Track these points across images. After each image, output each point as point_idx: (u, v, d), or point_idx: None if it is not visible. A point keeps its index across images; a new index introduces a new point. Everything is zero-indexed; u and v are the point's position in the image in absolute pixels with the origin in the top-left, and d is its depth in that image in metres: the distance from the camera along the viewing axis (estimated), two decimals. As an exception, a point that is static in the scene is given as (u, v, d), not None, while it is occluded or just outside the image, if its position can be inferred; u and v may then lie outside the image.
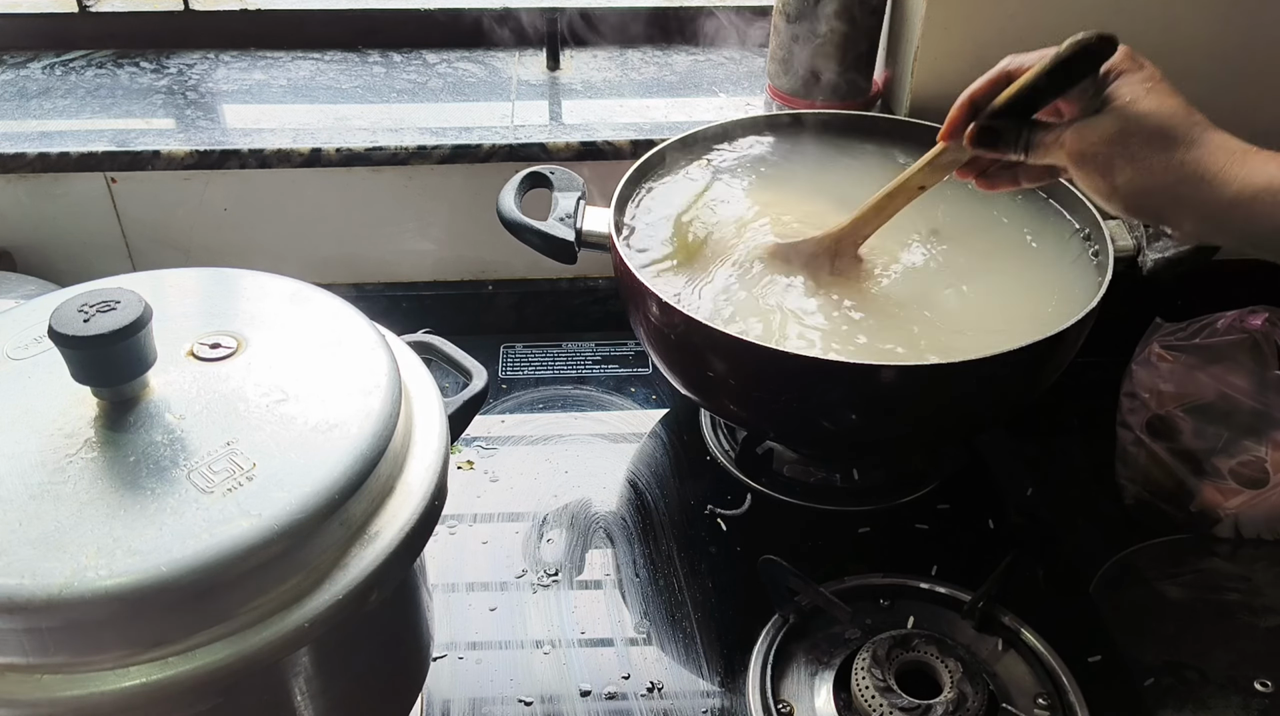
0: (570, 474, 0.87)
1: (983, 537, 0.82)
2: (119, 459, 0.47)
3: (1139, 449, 0.84)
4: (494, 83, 1.05)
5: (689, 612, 0.75)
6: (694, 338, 0.71)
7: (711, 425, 0.91)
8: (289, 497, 0.46)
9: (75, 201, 0.97)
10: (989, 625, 0.73)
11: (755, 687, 0.69)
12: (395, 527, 0.50)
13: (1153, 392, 0.84)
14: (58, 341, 0.47)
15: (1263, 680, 0.71)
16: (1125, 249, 0.78)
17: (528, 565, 0.79)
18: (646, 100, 1.02)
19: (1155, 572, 0.81)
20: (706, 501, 0.84)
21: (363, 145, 0.94)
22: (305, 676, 0.51)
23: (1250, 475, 0.79)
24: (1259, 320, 0.84)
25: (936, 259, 0.80)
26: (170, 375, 0.52)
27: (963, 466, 0.88)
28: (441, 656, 0.72)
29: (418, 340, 0.66)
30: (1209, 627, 0.76)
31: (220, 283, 0.60)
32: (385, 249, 1.02)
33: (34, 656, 0.43)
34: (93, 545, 0.43)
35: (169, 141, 0.93)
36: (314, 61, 1.07)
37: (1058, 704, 0.68)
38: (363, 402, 0.52)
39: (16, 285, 0.90)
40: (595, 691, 0.70)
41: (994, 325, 0.74)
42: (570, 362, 1.00)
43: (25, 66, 1.05)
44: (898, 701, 0.65)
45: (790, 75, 0.98)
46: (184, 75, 1.04)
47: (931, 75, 0.92)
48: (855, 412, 0.71)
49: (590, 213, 0.81)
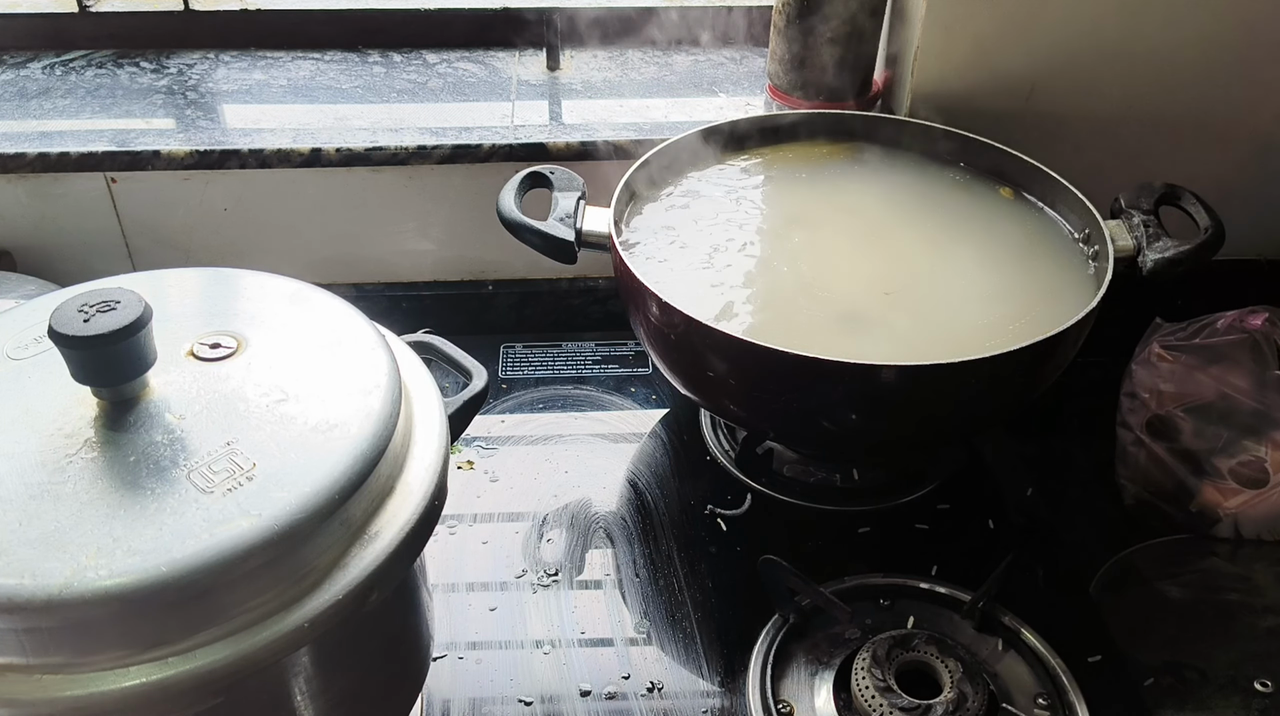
0: (570, 474, 0.87)
1: (983, 537, 0.82)
2: (119, 459, 0.47)
3: (1139, 449, 0.84)
4: (494, 83, 1.05)
5: (689, 612, 0.75)
6: (694, 338, 0.71)
7: (711, 425, 0.91)
8: (289, 497, 0.46)
9: (75, 201, 0.96)
10: (989, 625, 0.73)
11: (755, 687, 0.69)
12: (395, 527, 0.50)
13: (1153, 392, 0.84)
14: (58, 341, 0.47)
15: (1263, 680, 0.71)
16: (1125, 249, 0.78)
17: (528, 565, 0.79)
18: (646, 100, 1.02)
19: (1155, 572, 0.81)
20: (706, 501, 0.84)
21: (363, 145, 0.94)
22: (305, 676, 0.51)
23: (1250, 475, 0.79)
24: (1259, 320, 0.84)
25: (937, 259, 0.80)
26: (170, 375, 0.52)
27: (963, 466, 0.88)
28: (441, 656, 0.72)
29: (418, 340, 0.66)
30: (1209, 627, 0.76)
31: (220, 283, 0.60)
32: (385, 249, 1.02)
33: (34, 656, 0.43)
34: (93, 545, 0.43)
35: (169, 141, 0.93)
36: (314, 61, 1.07)
37: (1058, 704, 0.68)
38: (363, 402, 0.51)
39: (16, 285, 0.90)
40: (595, 691, 0.70)
41: (994, 325, 0.74)
42: (570, 362, 1.00)
43: (25, 66, 1.05)
44: (898, 701, 0.65)
45: (790, 75, 0.98)
46: (184, 75, 1.04)
47: (931, 75, 0.92)
48: (855, 412, 0.71)
49: (590, 212, 0.81)
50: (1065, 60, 0.91)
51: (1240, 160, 0.97)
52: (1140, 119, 0.94)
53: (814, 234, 0.83)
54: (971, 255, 0.81)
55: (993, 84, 0.92)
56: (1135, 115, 0.94)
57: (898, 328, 0.74)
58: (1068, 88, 0.92)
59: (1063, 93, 0.93)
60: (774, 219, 0.84)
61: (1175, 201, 0.82)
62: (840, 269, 0.80)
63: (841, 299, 0.76)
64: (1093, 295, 0.72)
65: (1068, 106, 0.93)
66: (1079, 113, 0.94)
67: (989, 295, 0.77)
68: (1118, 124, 0.94)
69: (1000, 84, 0.92)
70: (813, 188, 0.87)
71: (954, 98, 0.92)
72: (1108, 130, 0.95)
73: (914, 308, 0.76)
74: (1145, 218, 0.80)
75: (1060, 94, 0.93)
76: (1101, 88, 0.92)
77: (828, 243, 0.82)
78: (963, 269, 0.79)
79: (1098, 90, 0.93)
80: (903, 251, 0.81)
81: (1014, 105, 0.93)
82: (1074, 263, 0.80)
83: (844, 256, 0.81)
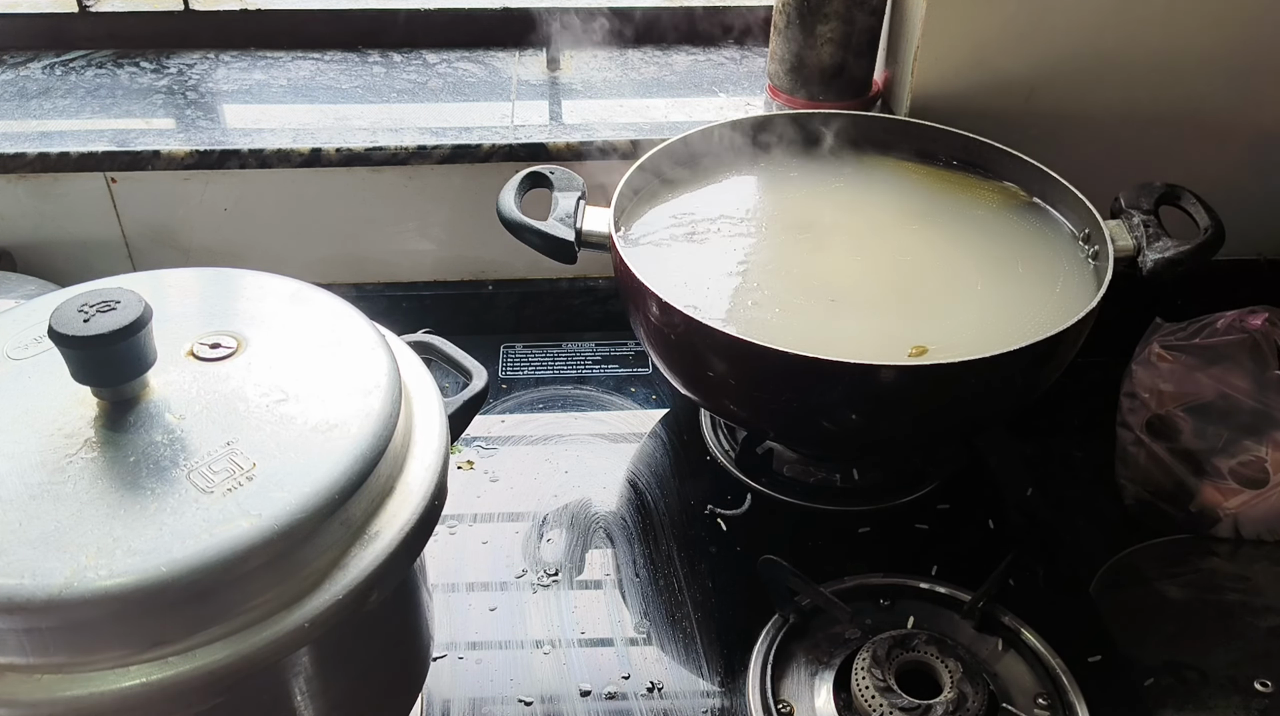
0: (570, 474, 0.87)
1: (983, 537, 0.82)
2: (119, 459, 0.47)
3: (1139, 449, 0.84)
4: (494, 83, 1.05)
5: (689, 612, 0.75)
6: (694, 338, 0.71)
7: (711, 425, 0.91)
8: (289, 497, 0.46)
9: (75, 201, 0.96)
10: (989, 625, 0.73)
11: (755, 687, 0.69)
12: (395, 527, 0.50)
13: (1153, 392, 0.84)
14: (58, 341, 0.47)
15: (1263, 680, 0.71)
16: (1125, 249, 0.78)
17: (528, 565, 0.79)
18: (646, 100, 1.02)
19: (1155, 572, 0.81)
20: (706, 501, 0.84)
21: (363, 145, 0.94)
22: (305, 676, 0.51)
23: (1250, 475, 0.79)
24: (1259, 320, 0.84)
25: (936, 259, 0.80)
26: (170, 375, 0.52)
27: (963, 466, 0.87)
28: (441, 656, 0.72)
29: (418, 340, 0.66)
30: (1209, 627, 0.76)
31: (220, 283, 0.60)
32: (385, 249, 1.02)
33: (34, 656, 0.43)
34: (93, 545, 0.43)
35: (169, 141, 0.93)
36: (314, 61, 1.07)
37: (1058, 704, 0.68)
38: (363, 402, 0.51)
39: (16, 285, 0.90)
40: (595, 691, 0.70)
41: (993, 325, 0.74)
42: (570, 363, 1.00)
43: (25, 66, 1.05)
44: (898, 701, 0.65)
45: (790, 75, 0.98)
46: (184, 75, 1.04)
47: (931, 75, 0.92)
48: (855, 412, 0.71)
49: (590, 212, 0.81)
50: (1065, 61, 0.91)
51: (1240, 160, 0.97)
52: (1140, 119, 0.94)
53: (814, 234, 0.83)
54: (972, 255, 0.81)
55: (993, 84, 0.92)
56: (1135, 115, 0.94)
57: (898, 328, 0.74)
58: (1068, 88, 0.92)
59: (1063, 93, 0.93)
60: (774, 219, 0.84)
61: (1175, 201, 0.82)
62: (840, 269, 0.80)
63: (842, 298, 0.77)
64: (1093, 295, 0.72)
65: (1068, 107, 0.93)
66: (1079, 113, 0.94)
67: (989, 295, 0.77)
68: (1118, 124, 0.94)
69: (1000, 84, 0.92)
70: (813, 188, 0.87)
71: (954, 98, 0.92)
72: (1108, 130, 0.95)
73: (914, 308, 0.76)
74: (1145, 218, 0.80)
75: (1060, 94, 0.93)
76: (1101, 88, 0.92)
77: (828, 243, 0.82)
78: (963, 269, 0.79)
79: (1098, 91, 0.93)
80: (903, 252, 0.81)
81: (1014, 105, 0.93)
82: (1074, 263, 0.80)
83: (844, 257, 0.81)
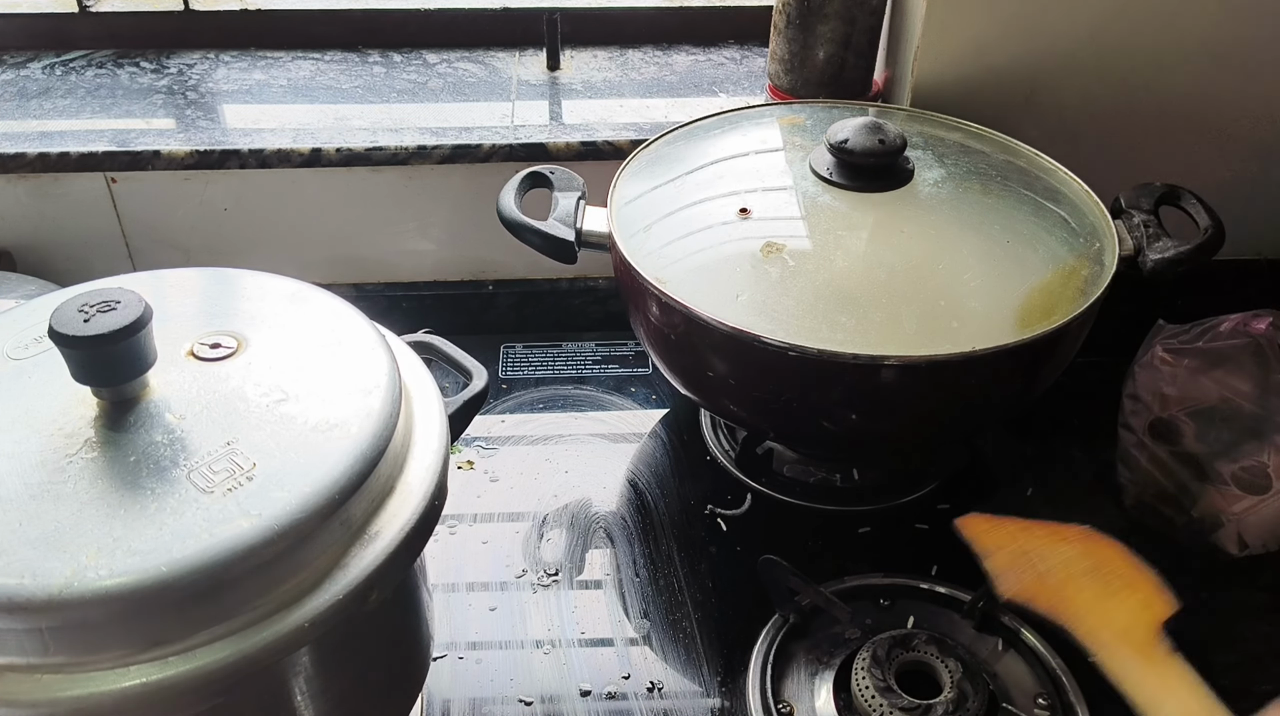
0: (570, 474, 0.87)
1: (983, 538, 0.82)
2: (119, 459, 0.47)
3: (1141, 451, 0.83)
4: (494, 83, 1.05)
5: (689, 612, 0.75)
6: (694, 336, 0.71)
7: (711, 425, 0.91)
8: (289, 497, 0.46)
9: (75, 201, 0.96)
10: (989, 625, 0.73)
11: (755, 687, 0.69)
12: (395, 527, 0.50)
13: (1155, 395, 0.84)
14: (58, 341, 0.47)
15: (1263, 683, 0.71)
16: (1125, 249, 0.78)
17: (528, 565, 0.79)
18: (646, 100, 1.02)
19: (1155, 572, 0.80)
20: (706, 501, 0.84)
21: (363, 145, 0.94)
22: (305, 676, 0.51)
23: (1252, 480, 0.79)
24: (1263, 324, 0.83)
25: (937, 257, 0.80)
26: (170, 375, 0.52)
27: (963, 466, 0.87)
28: (441, 656, 0.72)
29: (418, 340, 0.66)
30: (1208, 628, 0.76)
31: (220, 283, 0.60)
32: (385, 249, 1.02)
33: (34, 656, 0.43)
34: (93, 545, 0.43)
35: (169, 141, 0.93)
36: (314, 61, 1.07)
37: (1058, 704, 0.68)
38: (363, 402, 0.51)
39: (16, 285, 0.90)
40: (595, 691, 0.70)
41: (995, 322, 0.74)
42: (570, 362, 1.00)
43: (25, 66, 1.05)
44: (898, 701, 0.65)
45: (790, 75, 0.98)
46: (184, 75, 1.04)
47: (931, 75, 0.92)
48: (855, 410, 0.71)
49: (590, 212, 0.81)
50: (1065, 60, 0.91)
51: (1240, 160, 0.97)
52: (1140, 119, 0.94)
53: (815, 233, 0.83)
54: (972, 254, 0.81)
55: (993, 84, 0.92)
56: (1135, 115, 0.94)
57: (899, 324, 0.74)
58: (1067, 88, 0.92)
59: (1062, 93, 0.92)
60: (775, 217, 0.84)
61: (1175, 201, 0.82)
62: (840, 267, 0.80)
63: (842, 297, 0.76)
64: (1095, 292, 0.72)
65: (1067, 106, 0.93)
66: (1079, 113, 0.94)
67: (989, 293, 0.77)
68: (1118, 124, 0.94)
69: (1000, 84, 0.92)
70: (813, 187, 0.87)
71: (954, 97, 0.92)
72: (1107, 130, 0.95)
73: (915, 305, 0.76)
74: (1145, 218, 0.80)
75: (1060, 94, 0.93)
76: (1102, 88, 0.92)
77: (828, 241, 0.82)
78: (963, 267, 0.79)
79: (1098, 91, 0.93)
80: (904, 249, 0.81)
81: (1014, 105, 0.93)
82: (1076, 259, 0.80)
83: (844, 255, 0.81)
